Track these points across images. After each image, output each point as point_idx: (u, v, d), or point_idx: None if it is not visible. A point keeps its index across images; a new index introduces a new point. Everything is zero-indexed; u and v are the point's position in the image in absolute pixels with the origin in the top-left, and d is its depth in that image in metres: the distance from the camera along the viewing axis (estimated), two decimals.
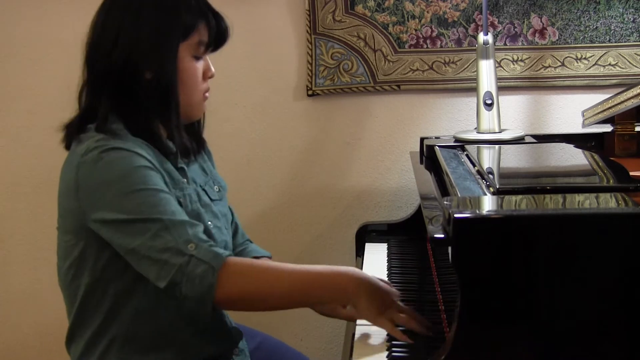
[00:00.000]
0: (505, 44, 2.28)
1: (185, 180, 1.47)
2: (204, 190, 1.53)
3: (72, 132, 1.43)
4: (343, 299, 1.33)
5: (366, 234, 2.06)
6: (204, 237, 1.32)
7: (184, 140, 1.46)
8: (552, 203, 1.22)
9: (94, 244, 1.37)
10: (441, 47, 2.30)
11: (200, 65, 1.46)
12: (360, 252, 2.00)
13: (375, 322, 1.30)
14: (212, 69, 1.50)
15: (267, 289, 1.31)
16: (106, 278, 1.39)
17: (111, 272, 1.39)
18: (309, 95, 2.36)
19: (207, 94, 1.51)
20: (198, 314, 1.33)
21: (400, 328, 1.30)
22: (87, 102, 1.44)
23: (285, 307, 1.39)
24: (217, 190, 1.58)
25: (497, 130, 1.99)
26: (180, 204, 1.39)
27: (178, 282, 1.27)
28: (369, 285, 1.30)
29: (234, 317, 1.62)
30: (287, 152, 2.40)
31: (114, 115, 1.40)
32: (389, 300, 1.31)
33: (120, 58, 1.39)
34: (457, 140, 1.99)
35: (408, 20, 2.30)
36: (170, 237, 1.28)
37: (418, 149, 2.08)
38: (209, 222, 1.47)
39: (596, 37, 2.25)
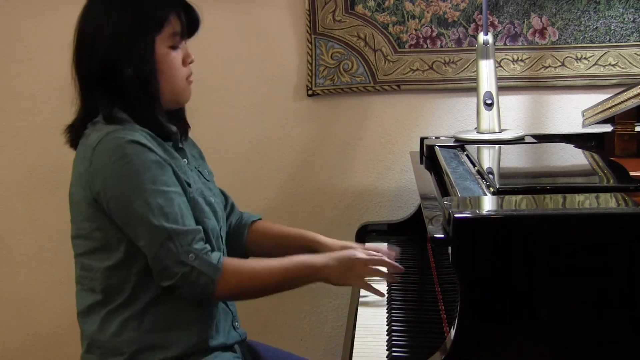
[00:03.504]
0: (505, 44, 2.28)
1: (185, 160, 1.55)
2: (198, 171, 1.61)
3: (76, 131, 1.52)
4: (320, 279, 1.52)
5: (366, 234, 2.06)
6: (202, 244, 1.43)
7: (169, 126, 1.53)
8: (552, 203, 1.22)
9: (114, 227, 1.44)
10: (441, 47, 2.30)
11: (178, 53, 1.53)
12: None
13: (351, 285, 1.57)
14: (192, 54, 1.56)
15: (257, 286, 1.50)
16: (129, 258, 1.45)
17: (133, 252, 1.45)
18: (309, 95, 2.36)
19: (190, 78, 1.57)
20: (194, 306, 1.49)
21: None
22: (83, 103, 1.52)
23: (273, 294, 1.55)
24: (207, 173, 1.66)
25: (497, 130, 1.99)
26: (189, 184, 1.49)
27: (180, 286, 1.42)
28: (333, 264, 1.52)
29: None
30: (287, 152, 2.40)
31: (116, 108, 1.47)
32: (352, 265, 1.52)
33: (100, 57, 1.46)
34: (457, 140, 1.99)
35: (408, 20, 2.29)
36: (172, 246, 1.40)
37: (418, 149, 2.08)
38: (211, 198, 1.56)
39: (596, 37, 2.25)
